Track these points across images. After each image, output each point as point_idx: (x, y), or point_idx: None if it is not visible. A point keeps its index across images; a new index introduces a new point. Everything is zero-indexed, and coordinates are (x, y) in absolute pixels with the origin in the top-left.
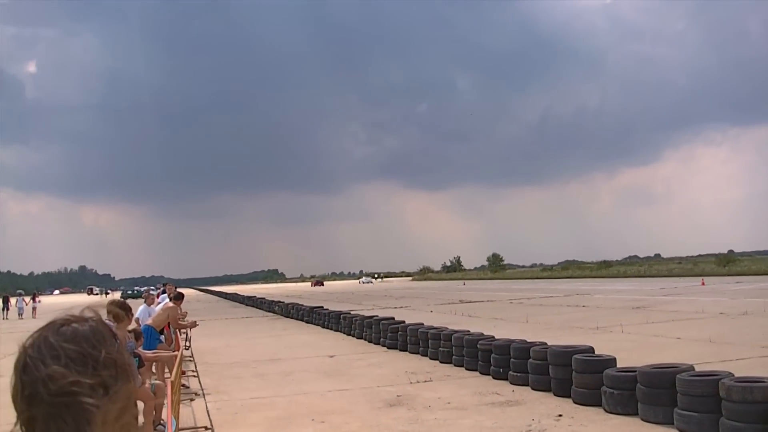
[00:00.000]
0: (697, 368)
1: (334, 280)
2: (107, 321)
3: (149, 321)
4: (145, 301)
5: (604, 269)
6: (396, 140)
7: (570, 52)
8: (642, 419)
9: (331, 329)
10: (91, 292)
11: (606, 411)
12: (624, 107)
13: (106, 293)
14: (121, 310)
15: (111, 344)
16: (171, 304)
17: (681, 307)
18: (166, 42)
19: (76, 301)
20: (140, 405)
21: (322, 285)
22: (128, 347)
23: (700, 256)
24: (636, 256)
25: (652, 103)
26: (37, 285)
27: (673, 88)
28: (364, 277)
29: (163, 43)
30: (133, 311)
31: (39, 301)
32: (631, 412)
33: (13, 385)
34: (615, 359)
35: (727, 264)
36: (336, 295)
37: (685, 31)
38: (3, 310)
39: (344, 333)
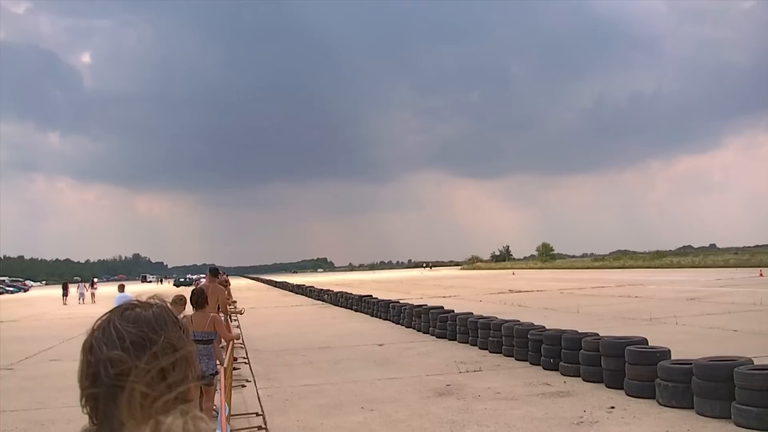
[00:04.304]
0: (756, 362)
1: (383, 269)
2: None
3: None
4: (194, 284)
5: (657, 259)
6: (447, 128)
7: (626, 36)
8: (698, 413)
9: (380, 318)
10: (144, 279)
11: (660, 404)
12: (682, 92)
13: (160, 281)
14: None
15: (173, 330)
16: (218, 286)
17: (738, 298)
18: (220, 32)
19: (131, 289)
20: None
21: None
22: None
23: (757, 246)
24: (690, 246)
25: (713, 88)
26: (94, 272)
27: (736, 71)
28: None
29: (216, 33)
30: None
31: (96, 288)
32: (686, 405)
33: (80, 363)
34: (669, 351)
35: None
36: (385, 283)
37: (751, 11)
38: (63, 296)
39: (393, 322)
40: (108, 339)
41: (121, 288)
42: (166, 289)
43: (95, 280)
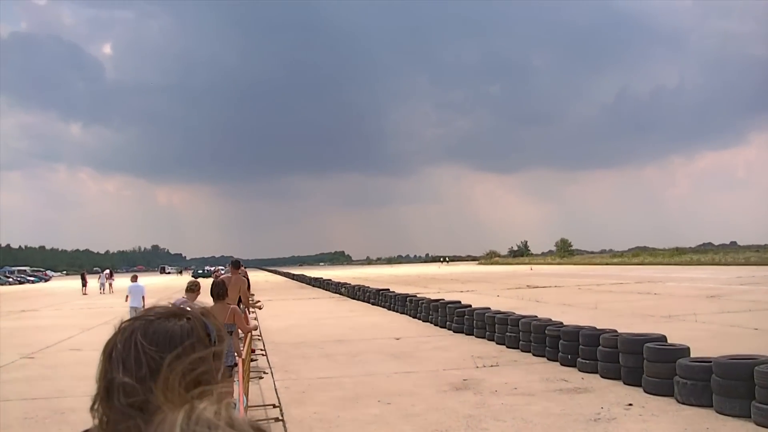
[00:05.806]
0: None
1: (400, 263)
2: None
3: None
4: (212, 275)
5: (677, 256)
6: (467, 122)
7: (649, 30)
8: (717, 411)
9: (398, 311)
10: (163, 271)
11: (678, 402)
12: (706, 87)
13: (180, 272)
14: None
15: (198, 349)
16: (240, 277)
17: (759, 297)
18: (240, 23)
19: (150, 281)
20: None
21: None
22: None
23: None
24: (710, 244)
25: (738, 83)
26: (113, 263)
27: (762, 66)
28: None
29: (236, 24)
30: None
31: (114, 279)
32: (705, 403)
33: (100, 364)
34: (689, 349)
35: None
36: (402, 277)
37: None
38: (82, 286)
39: (410, 316)
40: (126, 358)
41: (134, 278)
42: (185, 281)
43: (108, 271)
